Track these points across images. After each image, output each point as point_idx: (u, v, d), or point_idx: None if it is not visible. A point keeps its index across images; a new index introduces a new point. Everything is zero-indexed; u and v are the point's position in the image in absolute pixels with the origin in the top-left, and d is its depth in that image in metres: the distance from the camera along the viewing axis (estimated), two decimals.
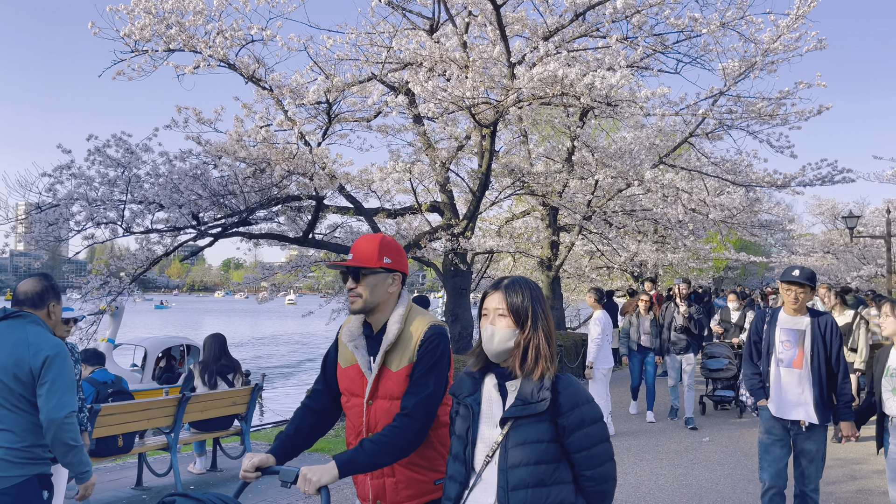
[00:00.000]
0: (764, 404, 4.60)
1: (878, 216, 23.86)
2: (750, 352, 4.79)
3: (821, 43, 10.80)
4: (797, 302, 4.48)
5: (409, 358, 2.53)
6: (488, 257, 16.30)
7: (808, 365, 4.47)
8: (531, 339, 2.16)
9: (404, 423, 2.44)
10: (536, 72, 8.79)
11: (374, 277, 2.55)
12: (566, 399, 2.11)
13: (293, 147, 9.52)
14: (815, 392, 4.42)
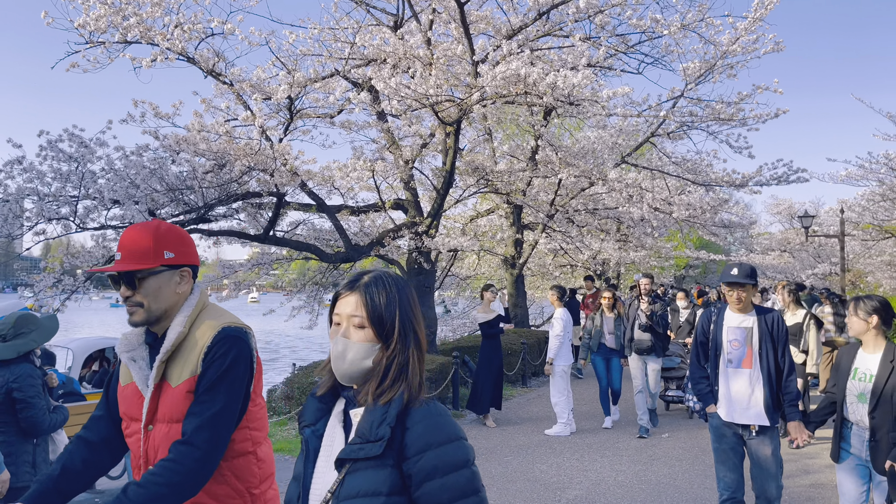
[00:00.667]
0: (713, 410, 4.43)
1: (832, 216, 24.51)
2: (697, 354, 4.61)
3: (778, 45, 11.03)
4: (741, 302, 4.35)
5: (191, 369, 2.04)
6: (452, 255, 16.29)
7: (757, 364, 4.32)
8: (396, 358, 1.62)
9: (181, 453, 1.93)
10: (500, 70, 8.79)
11: (155, 280, 2.07)
12: (416, 437, 1.54)
13: (254, 143, 9.37)
14: (766, 392, 4.27)
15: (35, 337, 3.97)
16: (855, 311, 3.97)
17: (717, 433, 4.42)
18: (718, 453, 4.44)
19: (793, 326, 7.62)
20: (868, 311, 3.89)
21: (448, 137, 10.94)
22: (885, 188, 16.09)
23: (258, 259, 12.86)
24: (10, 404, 3.76)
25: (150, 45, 9.34)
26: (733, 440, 4.37)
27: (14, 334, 3.90)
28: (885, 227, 18.39)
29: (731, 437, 4.37)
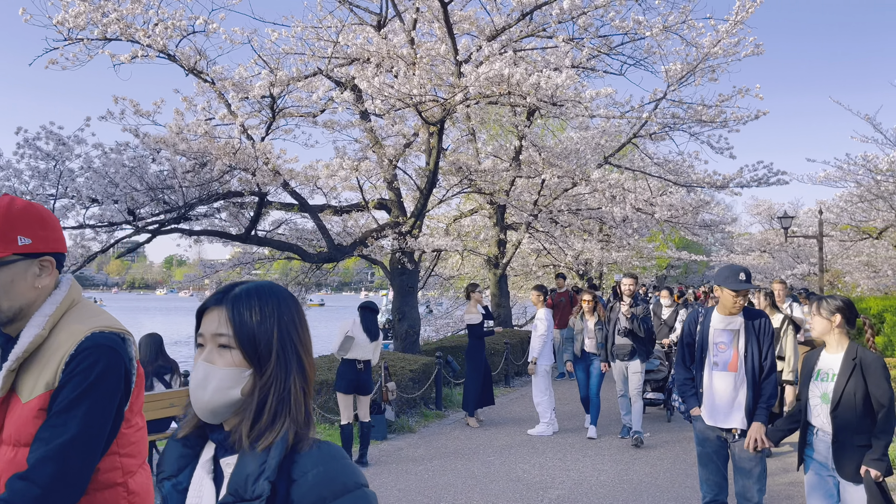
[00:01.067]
0: (697, 413, 4.35)
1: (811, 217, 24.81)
2: (682, 355, 4.51)
3: (758, 48, 11.14)
4: (742, 306, 4.27)
5: (47, 382, 1.67)
6: (436, 256, 16.29)
7: (742, 367, 4.23)
8: (273, 387, 1.28)
9: (15, 491, 1.56)
10: (483, 71, 8.79)
11: (6, 271, 1.71)
12: (305, 492, 1.22)
13: (235, 141, 9.30)
14: (750, 395, 4.20)
15: None
16: (818, 310, 3.90)
17: (701, 436, 4.35)
18: (702, 456, 4.37)
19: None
20: (831, 311, 3.82)
21: (431, 137, 10.94)
22: (862, 190, 16.30)
23: (240, 259, 12.78)
24: None
25: (130, 43, 9.24)
26: (717, 443, 4.30)
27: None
28: (863, 228, 18.64)
29: (715, 441, 4.30)
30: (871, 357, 3.69)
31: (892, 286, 19.06)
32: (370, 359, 7.22)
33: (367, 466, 7.08)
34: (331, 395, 8.61)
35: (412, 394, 9.46)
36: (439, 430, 8.96)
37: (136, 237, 9.35)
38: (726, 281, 4.21)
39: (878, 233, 17.81)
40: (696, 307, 9.09)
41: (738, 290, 4.18)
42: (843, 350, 3.80)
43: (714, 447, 4.30)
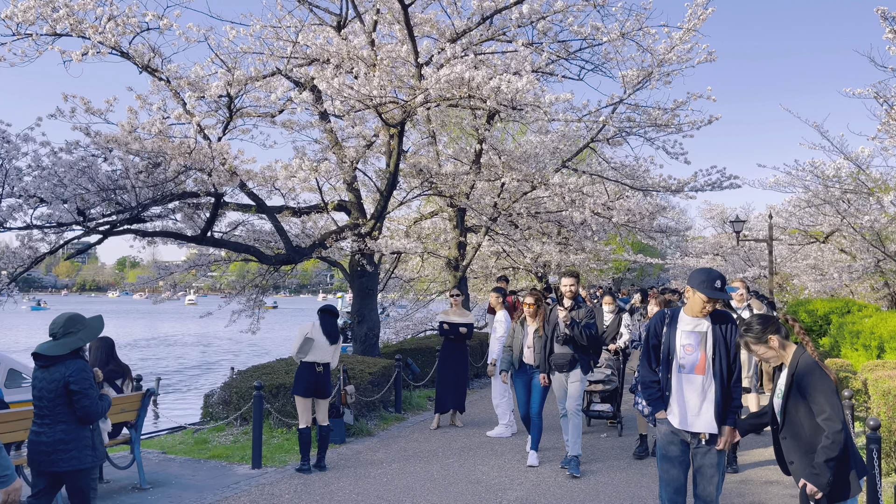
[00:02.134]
0: (663, 416, 4.27)
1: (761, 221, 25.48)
2: (648, 357, 4.40)
3: (710, 55, 11.41)
4: (708, 311, 4.20)
5: None
6: (396, 257, 16.24)
7: (710, 370, 4.15)
8: None
9: None
10: (444, 73, 8.81)
11: None
12: None
13: (191, 141, 9.11)
14: (717, 399, 4.13)
15: (83, 336, 4.38)
16: (748, 347, 3.70)
17: (665, 440, 4.28)
18: (664, 460, 4.30)
19: None
20: (760, 338, 3.64)
21: (392, 139, 10.91)
22: (809, 195, 16.80)
23: (195, 260, 12.52)
24: (67, 396, 4.21)
25: (81, 39, 8.99)
26: (680, 447, 4.25)
27: (63, 333, 4.33)
28: (810, 232, 19.23)
29: (679, 445, 4.25)
30: (803, 370, 3.50)
31: (837, 288, 19.70)
32: (329, 361, 7.17)
33: (326, 471, 7.01)
34: (289, 399, 8.51)
35: (371, 397, 9.41)
36: (399, 432, 8.93)
37: (86, 238, 9.09)
38: (701, 286, 4.13)
39: (824, 237, 18.40)
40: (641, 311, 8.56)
41: (712, 298, 4.12)
42: (788, 361, 3.65)
43: (677, 451, 4.24)
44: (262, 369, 9.77)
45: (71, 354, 4.30)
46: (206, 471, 7.13)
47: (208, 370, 26.15)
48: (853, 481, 3.43)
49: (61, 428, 4.21)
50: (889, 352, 9.49)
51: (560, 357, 6.80)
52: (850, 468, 3.43)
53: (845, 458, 3.42)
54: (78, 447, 4.23)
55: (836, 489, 3.41)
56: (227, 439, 8.53)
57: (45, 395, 4.22)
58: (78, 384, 4.20)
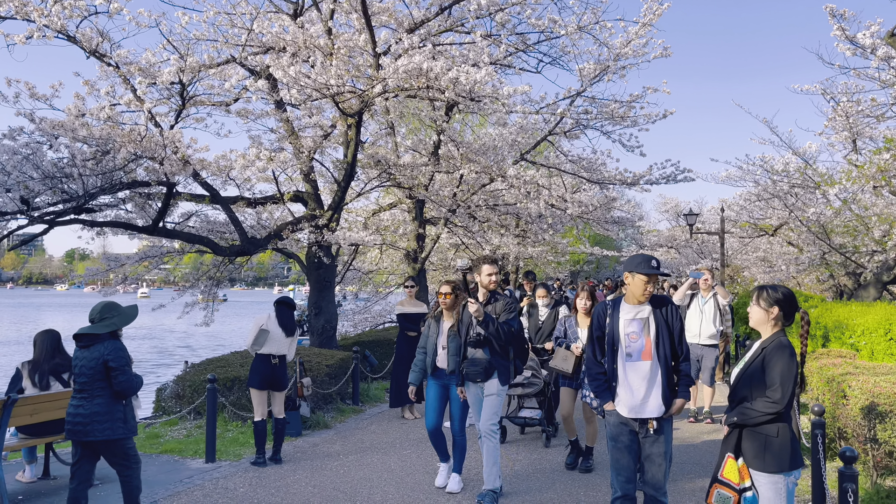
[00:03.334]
0: (612, 408, 4.28)
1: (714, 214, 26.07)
2: (593, 349, 4.41)
3: (666, 51, 11.59)
4: (651, 294, 4.25)
5: None
6: (354, 249, 16.13)
7: (655, 355, 4.20)
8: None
9: None
10: (402, 63, 8.75)
11: None
12: None
13: (141, 129, 8.88)
14: (664, 383, 4.18)
15: (117, 321, 4.90)
16: (757, 300, 3.74)
17: (616, 430, 4.29)
18: (614, 451, 4.31)
19: None
20: (770, 302, 3.68)
21: (349, 129, 10.80)
22: (759, 189, 17.24)
23: (147, 252, 12.23)
24: (105, 372, 4.71)
25: (25, 22, 8.66)
26: (629, 437, 4.27)
27: (100, 318, 4.86)
28: (760, 225, 19.74)
29: (628, 434, 4.26)
30: (776, 346, 3.59)
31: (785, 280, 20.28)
32: (285, 354, 7.08)
33: (282, 464, 6.94)
34: (244, 392, 8.39)
35: (328, 389, 9.34)
36: (356, 425, 8.88)
37: (31, 228, 8.79)
38: (638, 266, 4.21)
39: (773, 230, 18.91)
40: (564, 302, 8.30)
41: (650, 276, 4.17)
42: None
43: (627, 441, 4.26)
44: (216, 362, 9.61)
45: (109, 335, 4.83)
46: (158, 465, 6.99)
47: (161, 364, 25.61)
48: (795, 457, 3.52)
49: (98, 402, 4.70)
50: (833, 341, 9.82)
51: (473, 364, 5.53)
52: (796, 442, 3.55)
53: (791, 434, 3.53)
54: (111, 419, 4.72)
55: (783, 459, 3.50)
56: (180, 433, 8.36)
57: (85, 372, 4.71)
58: (116, 361, 4.72)
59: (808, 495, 5.72)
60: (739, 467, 3.58)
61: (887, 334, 8.71)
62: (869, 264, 14.41)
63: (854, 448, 5.72)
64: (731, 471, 3.60)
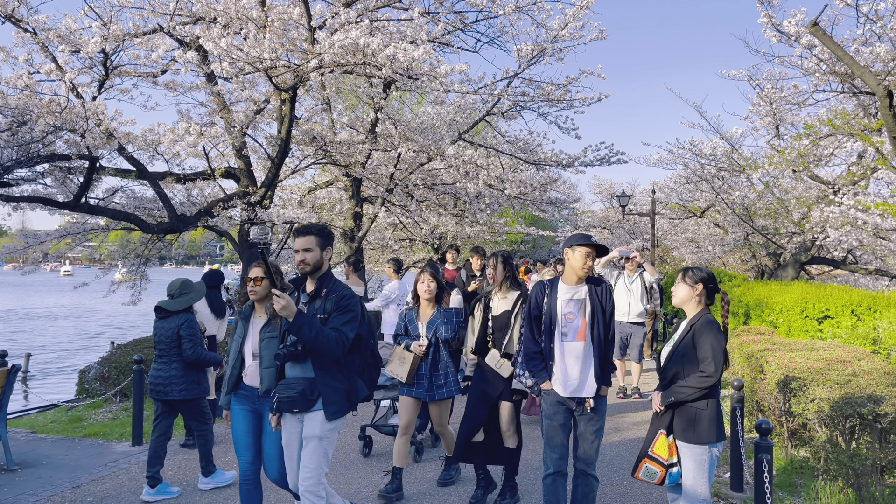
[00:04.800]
0: (549, 387, 4.28)
1: (645, 196, 26.76)
2: (531, 328, 4.38)
3: (601, 34, 11.74)
4: (590, 269, 4.27)
5: None
6: (289, 227, 15.86)
7: (589, 336, 4.23)
8: None
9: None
10: (337, 38, 8.59)
11: None
12: None
13: (62, 99, 8.45)
14: (596, 363, 4.23)
15: (193, 296, 5.56)
16: (683, 278, 3.94)
17: (551, 410, 4.30)
18: (549, 429, 4.31)
19: None
20: (695, 280, 3.89)
21: (284, 105, 10.55)
22: (689, 172, 17.80)
23: (70, 228, 11.71)
24: (179, 341, 5.36)
25: None
26: (564, 415, 4.28)
27: (179, 293, 5.52)
28: (689, 207, 20.39)
29: (563, 413, 4.28)
30: (704, 323, 3.77)
31: (711, 260, 21.05)
32: (215, 334, 6.93)
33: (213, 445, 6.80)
34: None
35: None
36: None
37: None
38: (579, 240, 4.26)
39: (701, 212, 19.56)
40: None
41: (590, 247, 4.21)
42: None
43: (561, 420, 4.28)
44: (144, 343, 9.33)
45: (185, 310, 5.47)
46: (81, 449, 6.75)
47: (85, 346, 24.69)
48: (720, 429, 3.71)
49: (174, 366, 5.37)
50: (754, 318, 10.28)
51: (287, 387, 3.77)
52: (721, 416, 3.76)
53: (718, 407, 3.73)
54: (186, 381, 5.37)
55: (710, 432, 3.69)
56: (106, 416, 8.10)
57: (164, 340, 5.38)
58: (186, 331, 5.33)
59: (727, 465, 6.00)
60: (669, 444, 3.75)
61: (803, 312, 9.16)
62: (788, 245, 15.10)
63: (770, 420, 6.03)
64: (661, 447, 3.76)
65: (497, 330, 5.10)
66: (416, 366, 5.20)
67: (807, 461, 5.69)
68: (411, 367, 5.18)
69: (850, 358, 6.03)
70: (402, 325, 5.45)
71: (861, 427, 4.92)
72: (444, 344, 5.26)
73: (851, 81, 9.41)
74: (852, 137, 11.16)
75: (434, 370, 5.25)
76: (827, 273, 19.28)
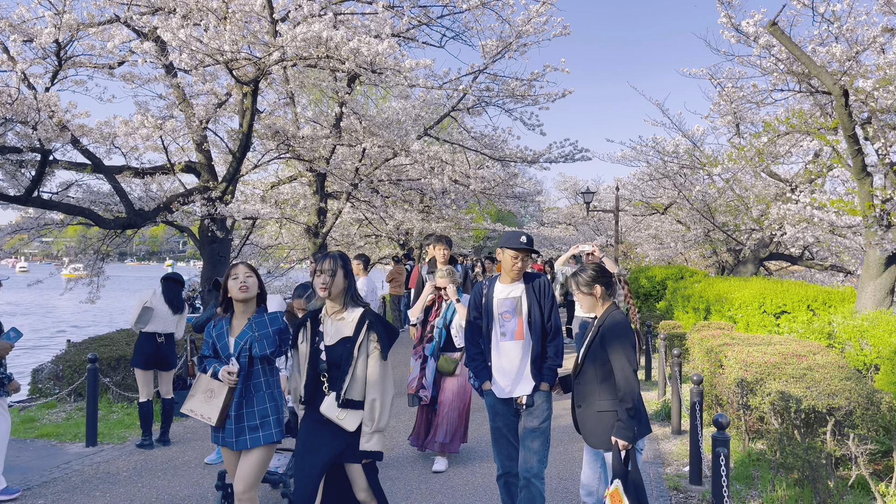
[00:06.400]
0: (489, 387, 4.17)
1: (609, 193, 27.02)
2: (472, 331, 4.27)
3: (565, 29, 11.80)
4: (522, 270, 4.13)
5: None
6: (252, 223, 15.62)
7: (528, 334, 4.11)
8: None
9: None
10: (300, 31, 8.45)
11: None
12: None
13: (12, 90, 8.17)
14: (534, 362, 4.10)
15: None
16: (578, 289, 3.81)
17: (493, 410, 4.20)
18: (494, 431, 4.21)
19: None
20: (589, 284, 3.79)
21: (245, 98, 10.36)
22: (651, 169, 18.02)
23: (23, 224, 11.36)
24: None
25: None
26: (508, 416, 4.16)
27: None
28: (652, 203, 20.66)
29: (506, 414, 4.16)
30: (611, 323, 3.67)
31: (674, 256, 21.37)
32: (173, 332, 6.77)
33: (170, 445, 6.67)
34: (130, 372, 8.00)
35: None
36: None
37: None
38: (508, 242, 4.10)
39: (663, 208, 19.83)
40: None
41: (519, 251, 4.05)
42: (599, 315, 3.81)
43: (505, 420, 4.16)
44: (99, 341, 9.10)
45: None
46: (33, 451, 6.55)
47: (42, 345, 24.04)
48: (643, 427, 3.67)
49: None
50: (714, 313, 10.44)
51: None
52: (643, 413, 3.71)
53: (640, 407, 3.66)
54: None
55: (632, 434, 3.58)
56: (59, 416, 7.88)
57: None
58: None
59: (686, 459, 6.07)
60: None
61: (761, 307, 9.34)
62: (748, 242, 15.38)
63: (728, 414, 6.12)
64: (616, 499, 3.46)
65: (332, 366, 3.59)
66: (229, 401, 3.64)
67: (764, 454, 5.79)
68: (224, 403, 3.64)
69: (806, 352, 6.15)
70: (210, 343, 3.79)
71: (816, 420, 5.01)
72: (262, 363, 3.70)
73: (808, 81, 9.60)
74: (809, 136, 11.40)
75: (244, 406, 3.65)
76: (785, 269, 19.72)
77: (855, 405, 4.82)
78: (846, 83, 7.81)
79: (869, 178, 8.16)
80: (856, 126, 8.06)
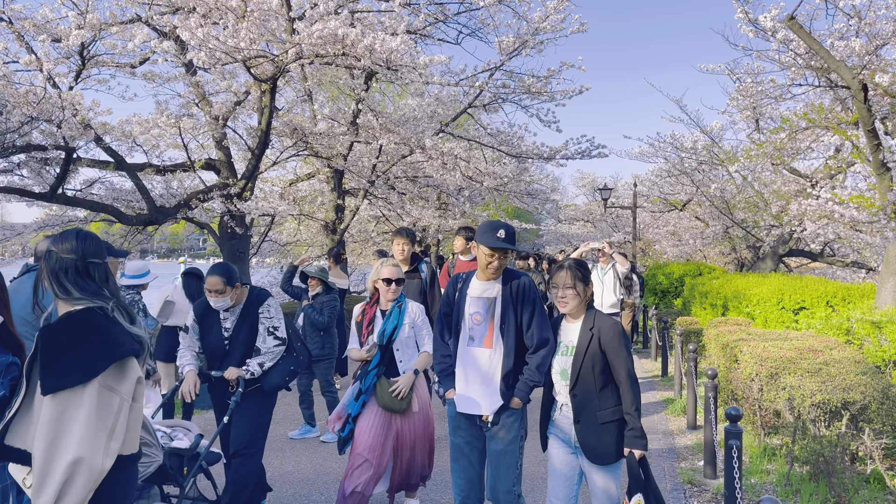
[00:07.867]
0: (452, 395, 3.64)
1: (627, 189, 26.92)
2: (441, 328, 3.76)
3: (582, 26, 11.79)
4: (498, 269, 3.59)
5: None
6: (270, 220, 15.79)
7: (498, 342, 3.54)
8: None
9: None
10: (317, 29, 8.55)
11: None
12: None
13: (38, 89, 8.34)
14: (503, 376, 3.52)
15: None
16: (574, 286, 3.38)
17: (453, 424, 3.67)
18: (454, 448, 3.65)
19: None
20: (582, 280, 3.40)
21: (264, 96, 10.49)
22: (669, 165, 17.95)
23: (48, 221, 11.59)
24: None
25: None
26: (470, 433, 3.63)
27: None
28: (670, 200, 20.57)
29: (470, 429, 3.63)
30: (607, 324, 3.33)
31: (692, 253, 21.26)
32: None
33: None
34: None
35: None
36: None
37: None
38: (483, 237, 3.53)
39: (682, 205, 19.74)
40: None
41: (494, 249, 3.51)
42: (581, 318, 3.41)
43: (467, 437, 3.62)
44: None
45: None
46: None
47: None
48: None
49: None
50: (732, 310, 10.40)
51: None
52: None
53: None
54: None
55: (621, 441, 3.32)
56: None
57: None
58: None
59: (700, 453, 6.08)
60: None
61: (779, 303, 9.29)
62: (767, 238, 15.28)
63: (743, 410, 6.12)
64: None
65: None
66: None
67: (779, 448, 5.78)
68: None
69: (823, 347, 6.13)
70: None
71: (831, 415, 5.01)
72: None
73: (828, 76, 9.52)
74: (829, 131, 11.30)
75: None
76: (805, 265, 19.54)
77: (870, 399, 4.81)
78: (865, 77, 7.75)
79: (888, 172, 8.09)
80: (875, 121, 7.99)
